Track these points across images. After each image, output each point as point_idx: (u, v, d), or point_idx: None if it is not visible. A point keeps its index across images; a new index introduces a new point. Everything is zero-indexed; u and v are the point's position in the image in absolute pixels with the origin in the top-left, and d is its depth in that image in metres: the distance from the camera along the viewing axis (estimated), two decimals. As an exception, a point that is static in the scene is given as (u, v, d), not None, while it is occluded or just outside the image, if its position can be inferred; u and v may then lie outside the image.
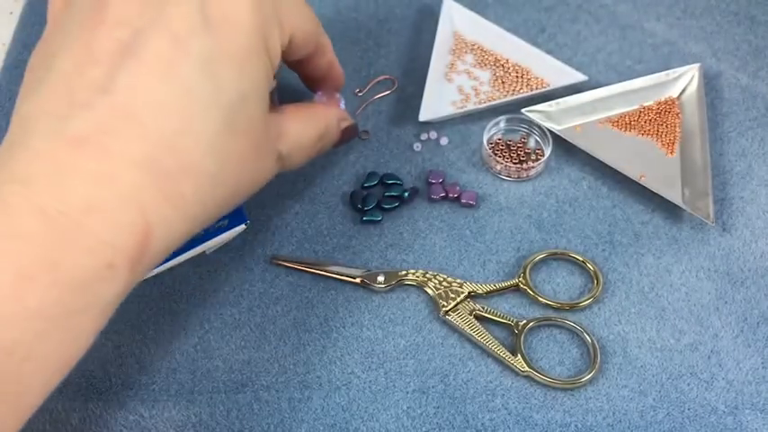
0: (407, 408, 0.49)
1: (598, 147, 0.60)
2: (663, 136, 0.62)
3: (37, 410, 0.34)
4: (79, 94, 0.35)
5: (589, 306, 0.53)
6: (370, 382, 0.50)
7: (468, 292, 0.53)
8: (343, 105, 0.55)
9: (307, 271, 0.54)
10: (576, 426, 0.48)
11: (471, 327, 0.51)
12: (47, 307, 0.32)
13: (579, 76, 0.63)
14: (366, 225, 0.57)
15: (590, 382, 0.50)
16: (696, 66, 0.64)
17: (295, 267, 0.55)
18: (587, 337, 0.51)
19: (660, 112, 0.63)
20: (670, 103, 0.64)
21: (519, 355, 0.50)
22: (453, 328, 0.52)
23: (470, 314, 0.52)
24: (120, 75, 0.35)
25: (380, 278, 0.53)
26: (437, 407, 0.49)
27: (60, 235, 0.32)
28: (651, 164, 0.60)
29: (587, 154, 0.59)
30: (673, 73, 0.64)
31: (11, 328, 0.31)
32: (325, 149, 0.50)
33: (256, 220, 0.57)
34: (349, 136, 0.52)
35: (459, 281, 0.53)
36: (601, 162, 0.59)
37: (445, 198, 0.58)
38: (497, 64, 0.66)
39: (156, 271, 0.54)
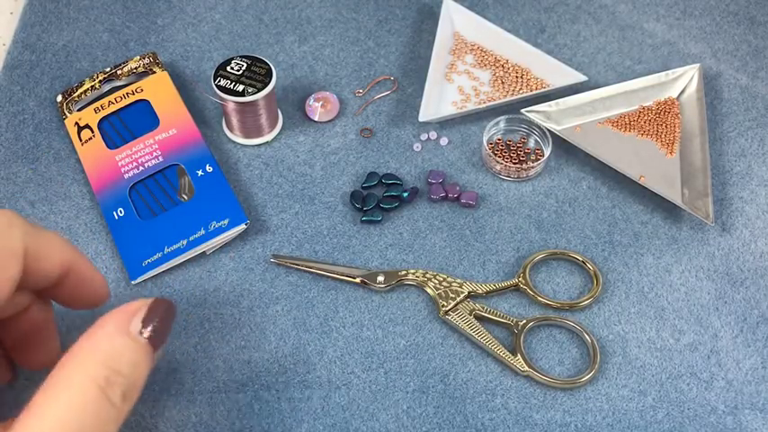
0: (407, 407, 0.49)
1: (598, 147, 0.60)
2: (662, 136, 0.62)
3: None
4: None
5: (589, 306, 0.53)
6: (370, 381, 0.50)
7: (468, 292, 0.53)
8: (337, 108, 0.53)
9: (307, 271, 0.54)
10: (575, 425, 0.48)
11: (471, 326, 0.51)
12: None
13: (579, 77, 0.63)
14: (366, 225, 0.57)
15: (590, 381, 0.50)
16: (696, 66, 0.64)
17: (295, 267, 0.55)
18: (587, 336, 0.51)
19: (660, 113, 0.63)
20: (669, 103, 0.64)
21: (519, 355, 0.50)
22: (453, 328, 0.52)
23: (470, 314, 0.52)
24: None
25: (380, 278, 0.53)
26: (437, 406, 0.49)
27: None
28: (651, 164, 0.60)
29: (587, 154, 0.59)
30: (672, 73, 0.64)
31: None
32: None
33: (256, 220, 0.57)
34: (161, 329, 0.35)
35: (459, 281, 0.54)
36: (600, 162, 0.59)
37: (445, 198, 0.58)
38: (497, 64, 0.66)
39: (156, 271, 0.54)
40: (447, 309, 0.52)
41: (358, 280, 0.53)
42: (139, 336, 0.33)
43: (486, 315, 0.52)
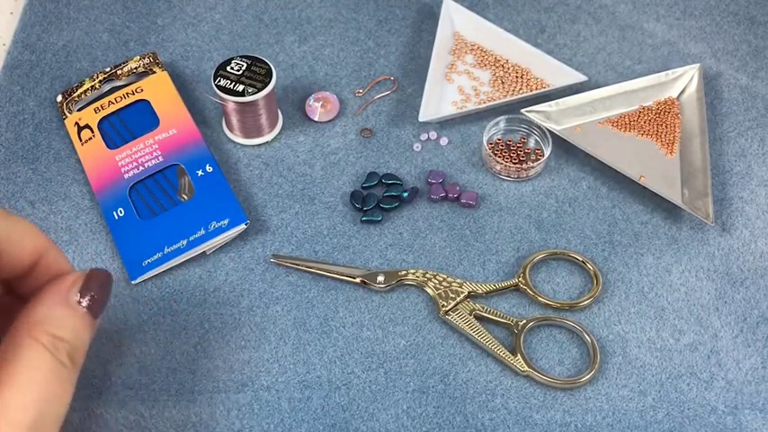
0: (407, 407, 0.49)
1: (598, 147, 0.60)
2: (662, 136, 0.62)
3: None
4: None
5: (589, 306, 0.53)
6: (370, 381, 0.50)
7: (468, 292, 0.53)
8: (337, 108, 0.53)
9: (307, 271, 0.54)
10: (575, 425, 0.48)
11: (471, 326, 0.51)
12: None
13: (579, 77, 0.63)
14: (366, 225, 0.57)
15: (590, 381, 0.50)
16: (696, 66, 0.64)
17: (295, 267, 0.55)
18: (587, 336, 0.51)
19: (660, 113, 0.63)
20: (669, 103, 0.64)
21: (519, 355, 0.50)
22: (453, 328, 0.52)
23: (470, 314, 0.52)
24: None
25: (380, 278, 0.53)
26: (437, 406, 0.49)
27: None
28: (651, 164, 0.60)
29: (587, 154, 0.59)
30: (672, 73, 0.64)
31: None
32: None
33: (256, 220, 0.57)
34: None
35: (459, 281, 0.54)
36: (600, 162, 0.59)
37: (445, 198, 0.58)
38: (497, 64, 0.66)
39: (156, 271, 0.54)
40: (447, 309, 0.52)
41: (358, 280, 0.53)
42: (78, 305, 0.35)
43: (486, 315, 0.52)
